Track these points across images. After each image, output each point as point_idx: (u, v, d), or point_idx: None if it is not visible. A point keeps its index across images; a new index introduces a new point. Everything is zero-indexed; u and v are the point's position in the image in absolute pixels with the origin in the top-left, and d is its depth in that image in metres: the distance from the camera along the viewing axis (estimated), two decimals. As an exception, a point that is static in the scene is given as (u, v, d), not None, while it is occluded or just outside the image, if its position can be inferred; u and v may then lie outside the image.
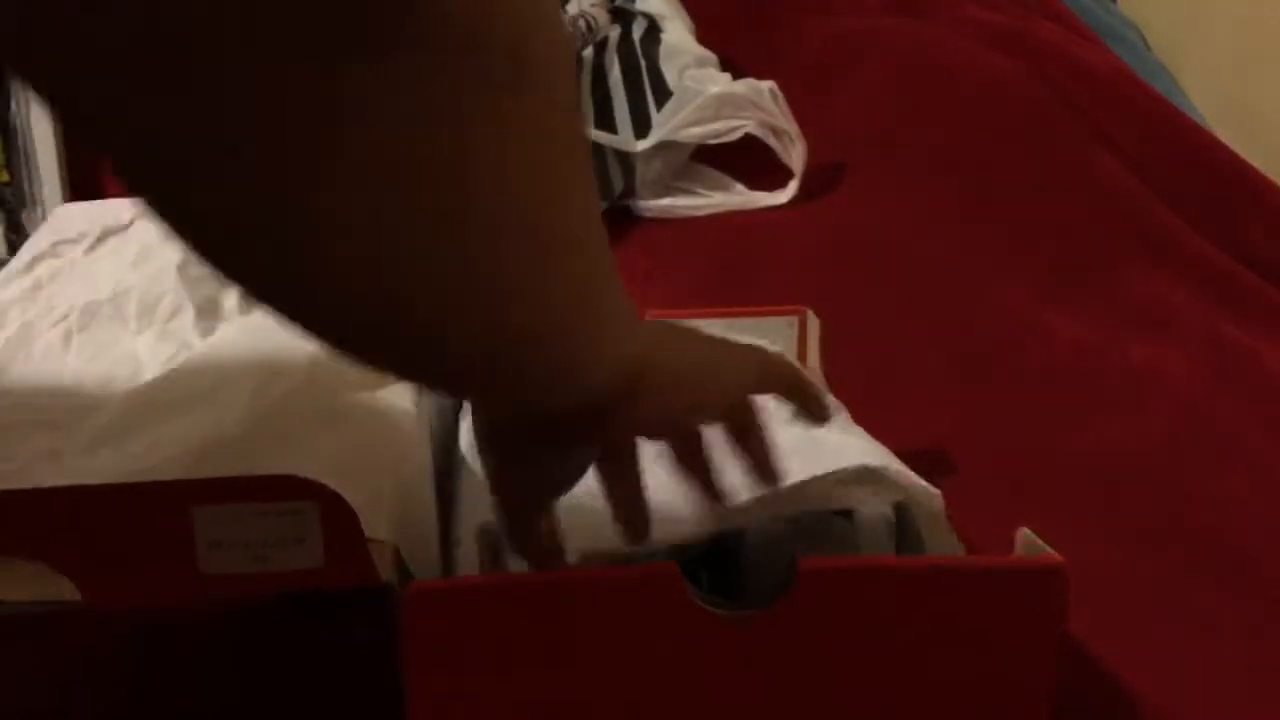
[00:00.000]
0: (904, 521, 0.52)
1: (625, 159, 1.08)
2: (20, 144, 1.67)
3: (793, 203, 1.07)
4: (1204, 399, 0.80)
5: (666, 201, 1.08)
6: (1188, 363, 0.83)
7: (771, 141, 1.08)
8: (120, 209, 0.70)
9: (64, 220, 0.72)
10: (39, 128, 1.68)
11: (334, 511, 0.37)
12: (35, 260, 0.66)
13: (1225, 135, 1.11)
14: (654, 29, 1.19)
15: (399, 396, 0.55)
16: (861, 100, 1.20)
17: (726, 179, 1.11)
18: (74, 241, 0.67)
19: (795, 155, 1.08)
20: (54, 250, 0.67)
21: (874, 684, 0.44)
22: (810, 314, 0.67)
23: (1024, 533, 0.46)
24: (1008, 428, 0.78)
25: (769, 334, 0.65)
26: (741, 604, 0.42)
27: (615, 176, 1.08)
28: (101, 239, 0.67)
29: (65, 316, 0.59)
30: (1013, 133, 1.11)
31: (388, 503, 0.43)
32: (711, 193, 1.09)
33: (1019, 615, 0.44)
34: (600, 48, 1.17)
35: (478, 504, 0.50)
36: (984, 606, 0.44)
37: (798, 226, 1.04)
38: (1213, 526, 0.68)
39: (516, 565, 0.47)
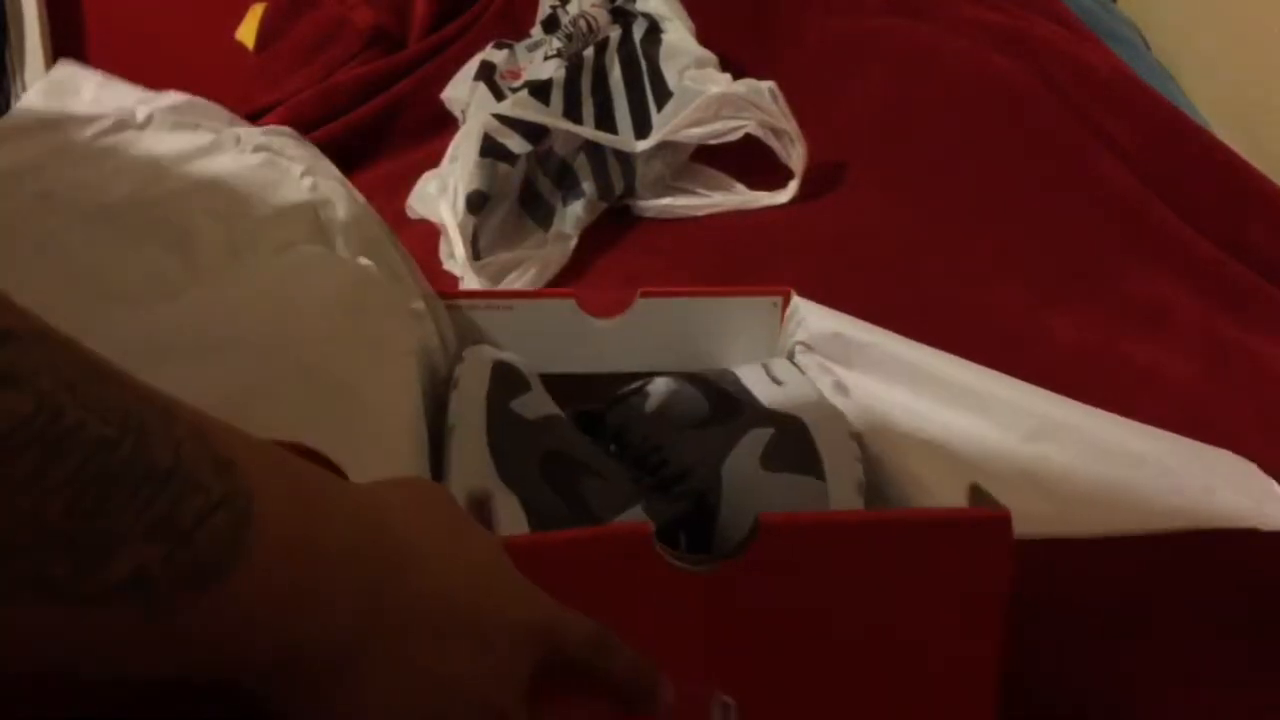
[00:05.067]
0: (874, 482, 0.54)
1: (625, 159, 1.08)
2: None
3: (793, 203, 1.07)
4: (1203, 397, 0.80)
5: (666, 201, 1.08)
6: (1187, 361, 0.84)
7: (771, 142, 1.08)
8: (130, 97, 0.66)
9: (69, 85, 0.66)
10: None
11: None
12: (42, 127, 0.62)
13: (1225, 135, 1.11)
14: (654, 29, 1.19)
15: (399, 367, 0.57)
16: (861, 100, 1.20)
17: (726, 179, 1.11)
18: (84, 122, 0.63)
19: (795, 155, 1.08)
20: (61, 123, 0.63)
21: (834, 629, 0.46)
22: (794, 294, 0.69)
23: (974, 486, 0.49)
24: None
25: (754, 314, 0.68)
26: (707, 558, 0.44)
27: (615, 176, 1.08)
28: (116, 129, 0.63)
29: (69, 207, 0.58)
30: (1013, 133, 1.11)
31: (389, 470, 0.43)
32: (711, 193, 1.09)
33: (968, 563, 0.46)
34: (601, 48, 1.17)
35: (466, 469, 0.53)
36: (935, 555, 0.46)
37: (798, 226, 1.04)
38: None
39: (503, 528, 0.47)
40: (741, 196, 1.08)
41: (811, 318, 0.66)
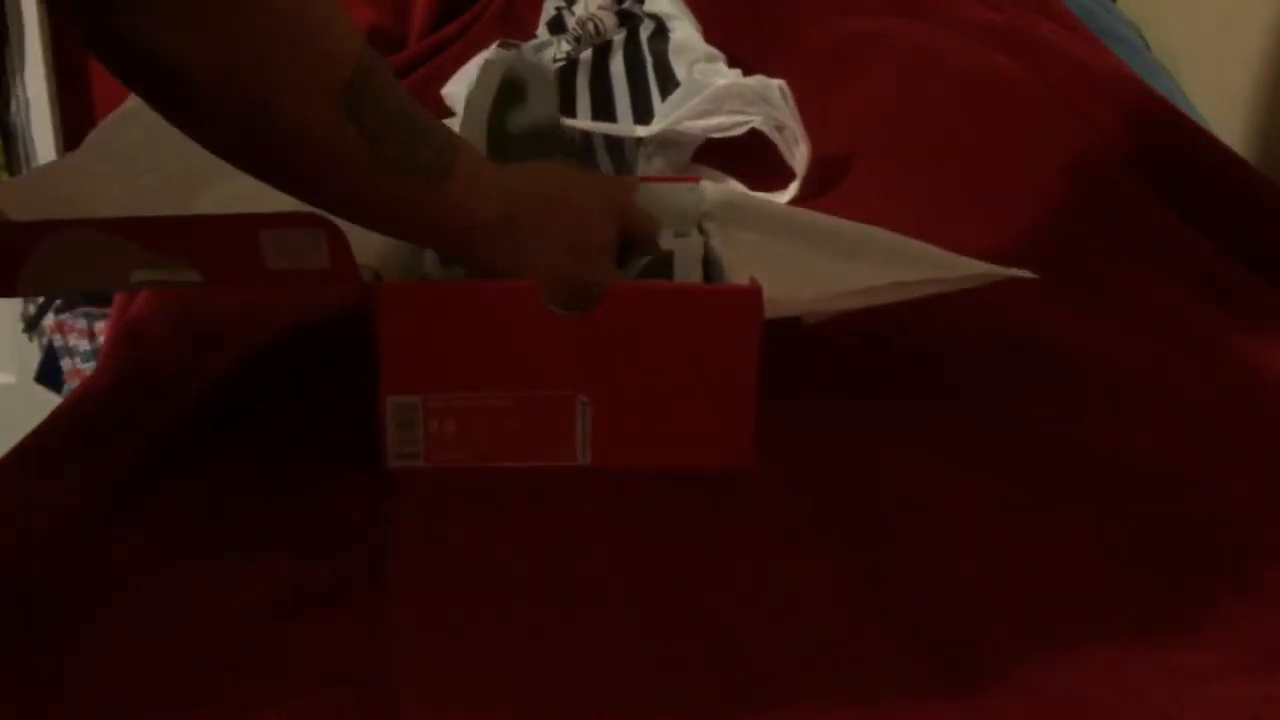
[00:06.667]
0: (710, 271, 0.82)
1: (620, 158, 1.08)
2: (20, 144, 1.67)
3: (793, 202, 1.07)
4: (1204, 399, 0.80)
5: (667, 201, 1.08)
6: (1188, 363, 0.84)
7: (776, 139, 1.08)
8: None
9: None
10: (39, 128, 1.68)
11: (335, 236, 0.66)
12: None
13: (1225, 135, 1.11)
14: (662, 29, 1.19)
15: None
16: (862, 100, 1.20)
17: (728, 179, 1.11)
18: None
19: (799, 155, 1.08)
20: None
21: (647, 358, 0.73)
22: (701, 179, 0.95)
23: (752, 277, 0.73)
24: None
25: (678, 194, 0.91)
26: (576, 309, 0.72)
27: (606, 171, 1.08)
28: None
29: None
30: (1013, 133, 1.11)
31: (376, 245, 0.74)
32: (712, 192, 1.09)
33: (731, 320, 0.72)
34: (603, 50, 1.17)
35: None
36: (711, 314, 0.73)
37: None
38: (1212, 527, 0.68)
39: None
40: (742, 196, 1.08)
41: (711, 192, 0.91)
